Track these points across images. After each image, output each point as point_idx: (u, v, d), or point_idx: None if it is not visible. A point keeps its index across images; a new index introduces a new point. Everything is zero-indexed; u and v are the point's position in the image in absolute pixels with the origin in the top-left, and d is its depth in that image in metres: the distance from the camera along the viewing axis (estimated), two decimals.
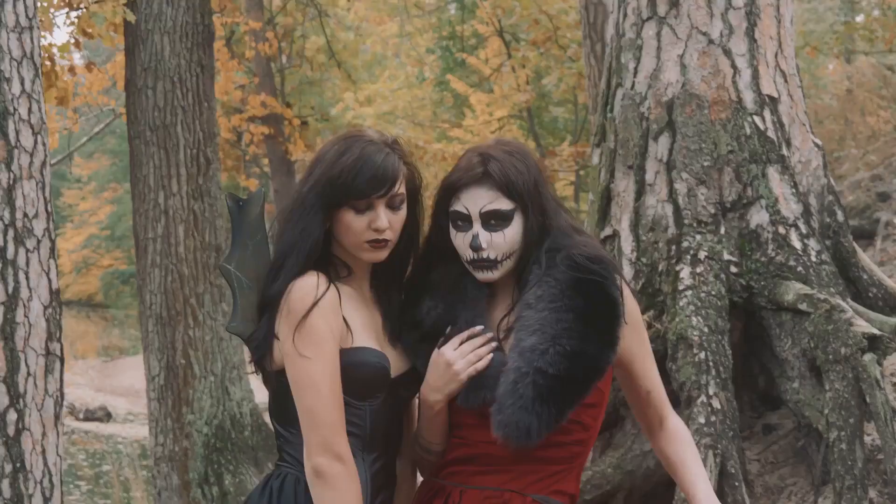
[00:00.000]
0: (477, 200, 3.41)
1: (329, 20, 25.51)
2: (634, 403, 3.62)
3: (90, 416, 23.07)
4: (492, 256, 3.40)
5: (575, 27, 19.08)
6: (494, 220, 3.39)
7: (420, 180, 3.61)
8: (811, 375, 6.15)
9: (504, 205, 3.39)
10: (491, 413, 3.31)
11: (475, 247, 3.38)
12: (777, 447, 6.44)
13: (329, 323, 3.35)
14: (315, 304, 3.34)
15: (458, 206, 3.43)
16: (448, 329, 3.45)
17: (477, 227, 3.40)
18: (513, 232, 3.40)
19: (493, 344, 3.40)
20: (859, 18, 22.52)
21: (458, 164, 3.50)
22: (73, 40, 12.22)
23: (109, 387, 29.68)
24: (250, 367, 3.59)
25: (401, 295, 3.62)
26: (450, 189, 3.46)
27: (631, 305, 3.43)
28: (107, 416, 23.28)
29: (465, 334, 3.41)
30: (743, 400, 6.57)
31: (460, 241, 3.45)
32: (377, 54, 30.48)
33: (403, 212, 3.51)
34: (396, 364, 3.50)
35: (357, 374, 3.41)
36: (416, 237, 3.63)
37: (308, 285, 3.37)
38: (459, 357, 3.38)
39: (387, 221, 3.44)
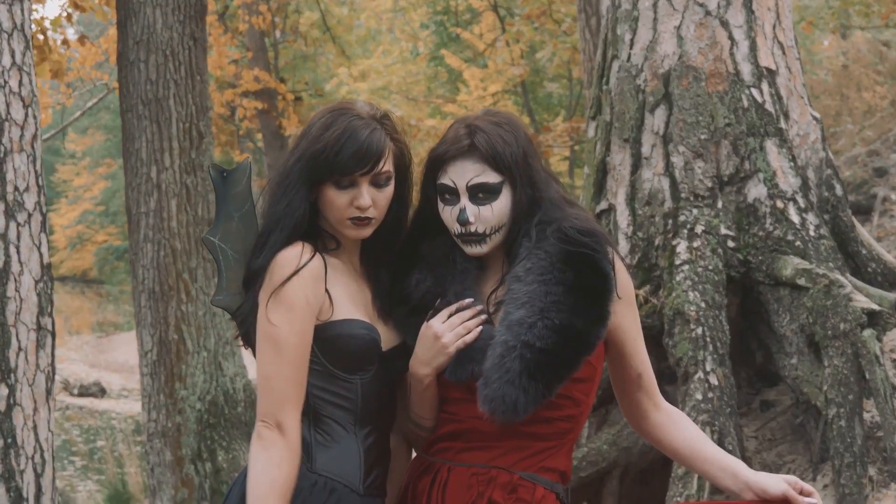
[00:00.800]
0: (464, 173, 3.33)
1: None
2: (622, 386, 3.49)
3: (84, 391, 23.12)
4: (480, 230, 3.33)
5: (569, 1, 19.03)
6: (482, 194, 3.32)
7: (409, 157, 3.53)
8: (809, 351, 6.13)
9: (491, 178, 3.31)
10: (477, 387, 3.25)
11: (462, 221, 3.31)
12: (775, 424, 6.43)
13: (306, 293, 3.28)
14: (296, 272, 3.28)
15: (445, 180, 3.36)
16: (438, 302, 3.38)
17: (464, 200, 3.33)
18: (501, 205, 3.32)
19: (483, 317, 3.33)
20: None
21: (444, 136, 3.42)
22: (65, 14, 12.16)
23: (104, 362, 29.72)
24: (240, 342, 3.53)
25: (390, 270, 3.55)
26: (437, 161, 3.39)
27: (624, 280, 3.34)
28: (101, 392, 23.31)
29: (453, 307, 3.34)
30: (740, 376, 6.57)
31: (447, 214, 3.37)
32: (371, 29, 30.39)
33: (390, 189, 3.43)
34: (387, 337, 3.44)
35: (345, 345, 3.35)
36: (404, 215, 3.55)
37: (291, 255, 3.32)
38: (448, 330, 3.32)
39: (370, 199, 3.36)
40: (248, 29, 22.63)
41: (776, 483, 3.30)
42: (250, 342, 3.46)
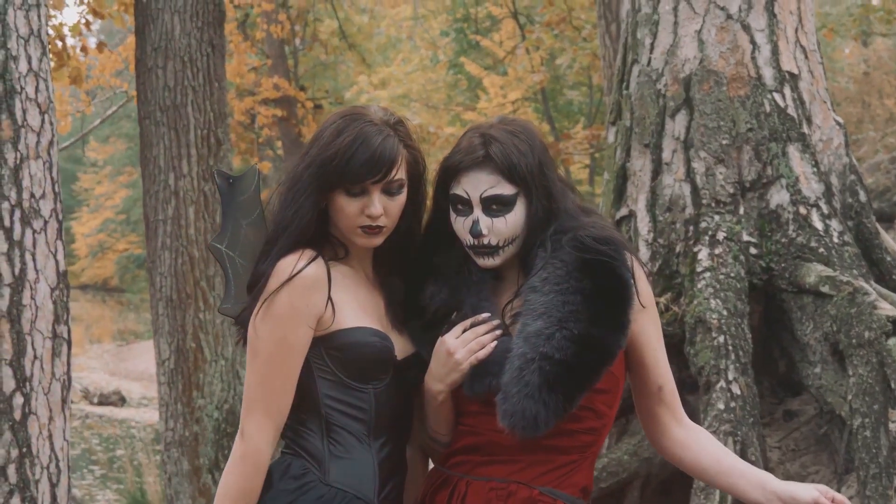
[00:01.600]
0: (477, 185, 3.24)
1: (343, 3, 25.41)
2: (642, 400, 3.40)
3: (104, 400, 23.17)
4: (493, 242, 3.25)
5: (589, 8, 19.02)
6: (496, 206, 3.24)
7: (424, 165, 3.45)
8: (833, 360, 6.06)
9: (506, 189, 3.23)
10: (496, 402, 3.16)
11: (475, 233, 3.23)
12: (798, 434, 6.36)
13: (293, 302, 3.21)
14: (287, 281, 3.21)
15: (459, 190, 3.28)
16: (454, 315, 3.30)
17: (477, 212, 3.24)
18: (515, 217, 3.24)
19: (498, 332, 3.24)
20: (876, 2, 22.44)
21: (458, 145, 3.34)
22: (83, 21, 12.13)
23: (124, 371, 29.78)
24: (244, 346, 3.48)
25: (404, 279, 3.47)
26: (450, 171, 3.31)
27: (645, 288, 3.26)
28: (121, 401, 23.35)
29: (468, 321, 3.26)
30: (763, 385, 6.49)
31: (460, 225, 3.29)
32: (391, 37, 30.42)
33: (402, 197, 3.35)
34: (402, 346, 3.36)
35: (356, 354, 3.28)
36: (418, 223, 3.47)
37: (287, 263, 3.25)
38: (461, 345, 3.23)
39: (381, 208, 3.28)
40: (267, 37, 22.61)
41: (806, 491, 3.21)
42: None
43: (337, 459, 3.29)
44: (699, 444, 3.35)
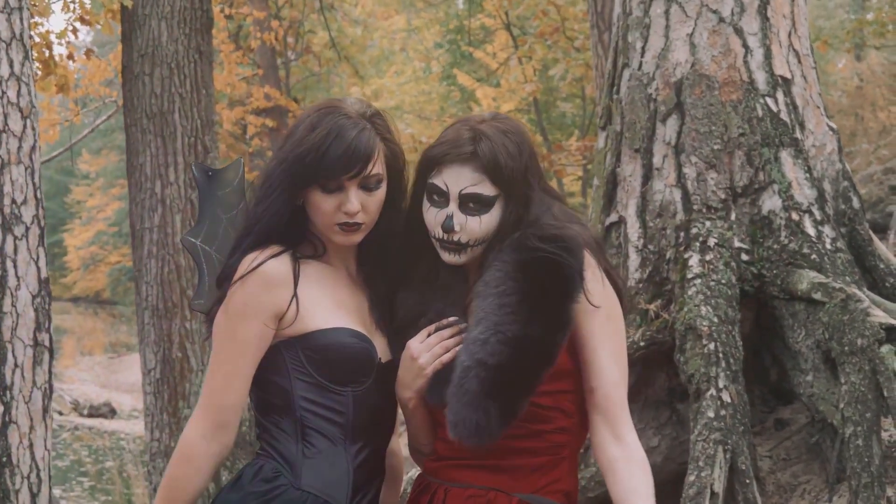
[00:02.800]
0: (458, 180, 3.14)
1: (336, 15, 25.39)
2: (587, 407, 3.23)
3: (94, 412, 23.22)
4: (462, 240, 3.16)
5: (583, 19, 18.99)
6: (473, 204, 3.14)
7: (403, 159, 3.35)
8: (826, 368, 5.97)
9: (487, 190, 3.13)
10: (446, 416, 3.08)
11: (447, 228, 3.13)
12: (790, 443, 6.27)
13: (248, 299, 3.16)
14: (242, 277, 3.16)
15: (438, 181, 3.17)
16: (420, 321, 3.21)
17: (453, 206, 3.14)
18: (490, 219, 3.14)
19: (463, 335, 3.14)
20: (869, 16, 22.50)
21: (445, 135, 3.22)
22: (70, 27, 12.06)
23: (114, 383, 29.81)
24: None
25: (386, 278, 3.37)
26: (432, 161, 3.19)
27: (597, 288, 3.12)
28: (111, 413, 23.39)
29: (432, 326, 3.17)
30: (754, 394, 6.41)
31: (432, 217, 3.19)
32: (384, 50, 30.43)
33: (381, 193, 3.26)
34: (385, 349, 3.26)
35: (333, 355, 3.19)
36: (399, 220, 3.37)
37: (249, 259, 3.19)
38: (425, 350, 3.15)
39: (358, 204, 3.19)
40: (259, 46, 22.58)
41: None
42: None
43: (310, 463, 3.20)
44: (619, 474, 3.13)
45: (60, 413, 23.11)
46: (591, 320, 3.12)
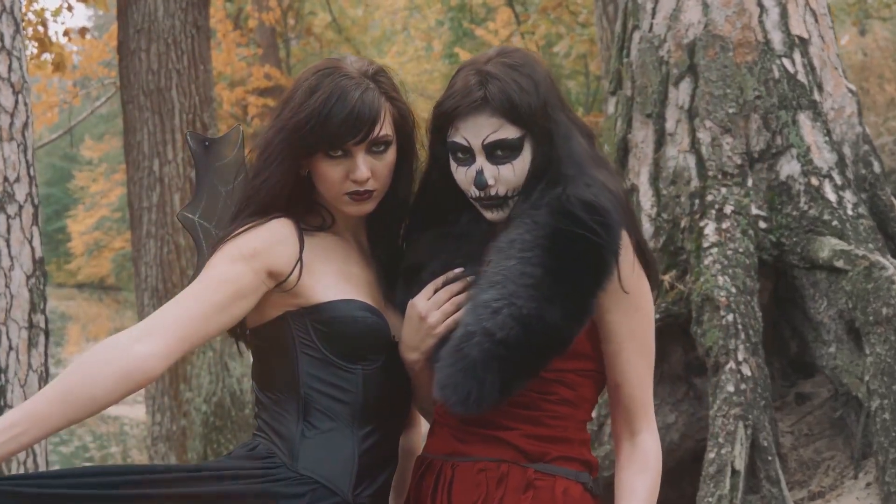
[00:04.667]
0: (478, 130, 2.87)
1: None
2: (609, 399, 3.04)
3: None
4: (500, 192, 2.88)
5: None
6: (501, 151, 2.86)
7: (413, 118, 3.11)
8: (849, 339, 5.90)
9: (510, 133, 2.86)
10: (434, 370, 2.85)
11: (480, 184, 2.86)
12: (812, 418, 6.19)
13: (242, 245, 2.89)
14: (231, 236, 2.91)
15: (457, 138, 2.91)
16: (422, 272, 2.97)
17: (480, 160, 2.88)
18: (522, 163, 2.87)
19: (473, 291, 2.90)
20: None
21: (452, 85, 2.95)
22: (66, 4, 11.97)
23: None
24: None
25: (392, 248, 3.13)
26: (446, 117, 2.93)
27: (630, 273, 2.87)
28: None
29: (440, 280, 2.92)
30: (774, 367, 6.32)
31: (462, 176, 2.92)
32: (386, 30, 30.37)
33: (390, 156, 3.01)
34: (398, 324, 3.02)
35: (344, 329, 2.94)
36: (409, 185, 3.13)
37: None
38: (434, 308, 2.90)
39: (367, 170, 2.94)
40: (258, 25, 22.45)
41: None
42: (235, 329, 3.08)
43: (309, 444, 2.95)
44: (623, 472, 2.98)
45: None
46: (618, 308, 2.89)
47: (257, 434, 3.06)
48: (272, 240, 2.90)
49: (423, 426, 3.31)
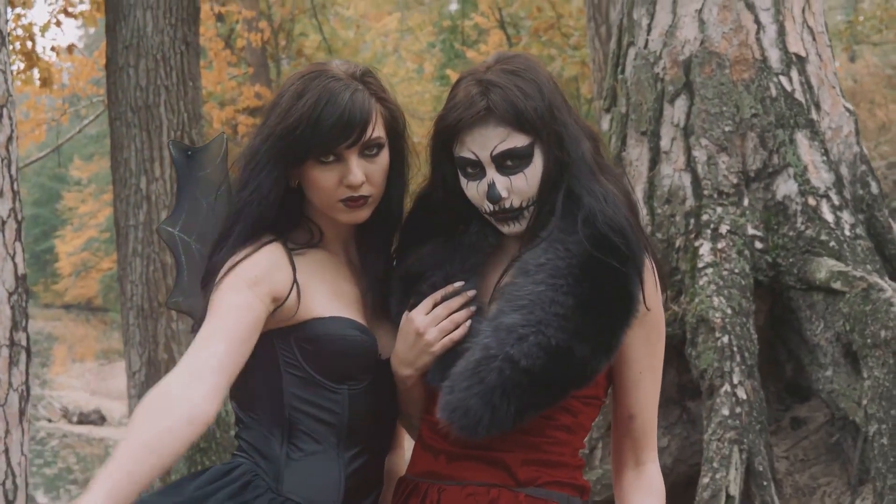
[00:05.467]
0: (485, 142, 2.75)
1: (329, 18, 25.30)
2: (614, 428, 2.97)
3: (84, 419, 23.17)
4: (515, 204, 2.76)
5: (578, 15, 18.86)
6: (511, 161, 2.74)
7: (403, 120, 3.00)
8: (846, 362, 5.85)
9: (518, 141, 2.74)
10: (441, 389, 2.72)
11: (494, 197, 2.74)
12: (808, 443, 6.12)
13: (242, 274, 2.78)
14: (231, 267, 2.79)
15: (464, 152, 2.78)
16: (421, 284, 2.85)
17: (491, 172, 2.75)
18: (535, 170, 2.75)
19: (473, 308, 2.78)
20: (866, 5, 22.62)
21: (453, 97, 2.83)
22: (54, 20, 11.90)
23: (105, 389, 29.72)
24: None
25: (390, 261, 3.01)
26: (450, 130, 2.81)
27: (652, 296, 2.78)
28: (101, 419, 23.32)
29: (439, 294, 2.80)
30: (768, 391, 6.26)
31: (474, 191, 2.80)
32: (377, 52, 30.40)
33: (384, 159, 2.91)
34: (387, 342, 2.91)
35: (331, 347, 2.83)
36: (402, 190, 3.02)
37: (236, 257, 2.83)
38: (431, 324, 2.78)
39: (362, 175, 2.83)
40: (248, 44, 22.42)
41: None
42: None
43: (295, 466, 2.84)
44: (628, 498, 2.91)
45: (50, 420, 23.06)
46: (640, 336, 2.80)
47: (238, 454, 2.94)
48: (269, 266, 2.79)
49: (408, 446, 3.19)
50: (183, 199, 3.06)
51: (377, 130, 2.86)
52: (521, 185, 2.74)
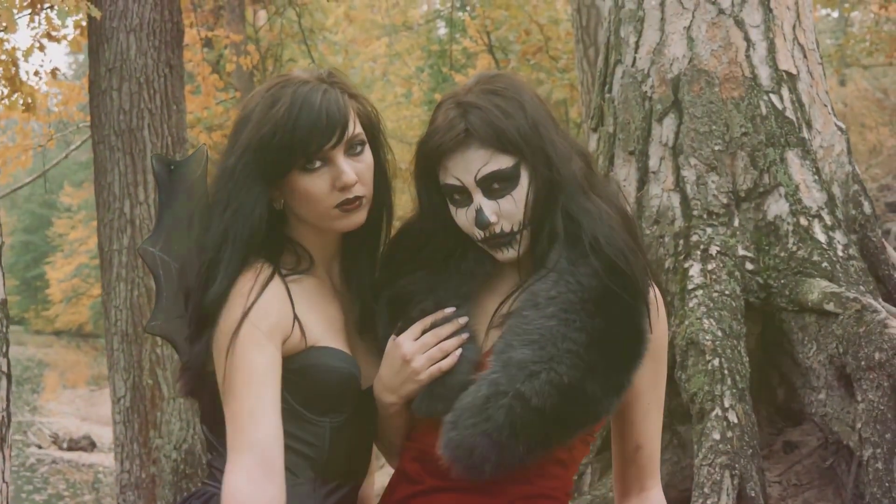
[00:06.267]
0: (467, 166, 2.66)
1: (318, 44, 25.29)
2: (617, 455, 2.91)
3: (74, 445, 23.26)
4: (506, 228, 2.67)
5: (566, 38, 18.85)
6: (497, 184, 2.66)
7: (376, 114, 2.91)
8: (840, 385, 5.74)
9: (502, 162, 2.65)
10: (443, 424, 2.61)
11: (482, 224, 2.64)
12: (801, 467, 6.03)
13: (258, 323, 2.66)
14: (244, 316, 2.66)
15: (449, 179, 2.68)
16: (411, 307, 2.73)
17: (478, 198, 2.66)
18: (523, 192, 2.66)
19: (464, 335, 2.67)
20: (855, 28, 22.74)
21: (434, 121, 2.74)
22: (37, 44, 11.77)
23: (95, 415, 29.76)
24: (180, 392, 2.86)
25: (372, 276, 2.89)
26: (432, 156, 2.70)
27: (659, 327, 2.71)
28: (91, 446, 23.40)
29: (428, 319, 2.69)
30: (760, 415, 6.17)
31: (463, 219, 2.71)
32: (366, 77, 30.43)
33: (369, 156, 2.81)
34: (367, 371, 2.79)
35: (319, 379, 2.71)
36: (388, 188, 2.93)
37: (239, 295, 2.69)
38: (419, 351, 2.68)
39: (353, 173, 2.71)
40: (236, 69, 22.38)
41: None
42: (198, 392, 2.83)
43: None
44: None
45: (39, 447, 23.12)
46: (647, 370, 2.72)
47: (209, 483, 2.82)
48: (279, 309, 2.68)
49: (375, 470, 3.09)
50: (164, 217, 2.93)
51: (357, 126, 2.76)
52: (510, 209, 2.64)
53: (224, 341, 2.66)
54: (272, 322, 2.67)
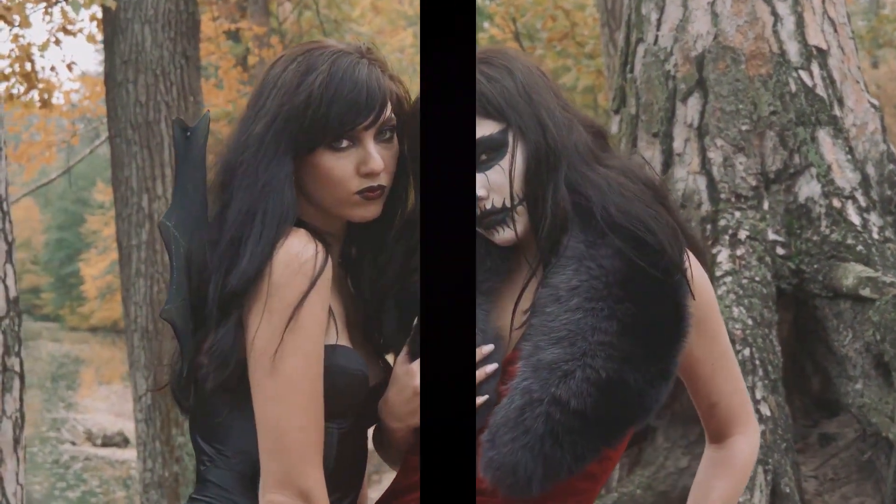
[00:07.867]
0: None
1: (344, 35, 25.37)
2: (698, 409, 2.71)
3: (107, 441, 23.56)
4: (497, 204, 2.43)
5: (593, 23, 18.78)
6: (485, 154, 2.44)
7: (409, 99, 2.67)
8: (878, 374, 5.67)
9: (488, 128, 2.43)
10: (481, 444, 2.39)
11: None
12: (837, 461, 5.98)
13: (322, 308, 2.41)
14: (315, 280, 2.39)
15: None
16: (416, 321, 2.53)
17: None
18: (514, 162, 2.44)
19: (492, 366, 2.45)
20: (887, 10, 22.77)
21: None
22: (53, 39, 11.77)
23: (129, 412, 29.88)
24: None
25: (375, 271, 2.67)
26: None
27: (702, 292, 2.47)
28: (124, 442, 23.70)
29: None
30: (794, 406, 6.12)
31: None
32: (393, 68, 30.53)
33: (396, 145, 2.57)
34: (372, 370, 2.56)
35: (334, 380, 2.46)
36: (405, 183, 2.68)
37: (297, 248, 2.42)
38: None
39: (381, 159, 2.49)
40: (259, 62, 22.42)
41: None
42: (228, 385, 2.57)
43: None
44: (700, 474, 2.70)
45: (73, 443, 23.37)
46: (700, 337, 2.51)
47: (198, 498, 2.60)
48: (327, 299, 2.46)
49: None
50: (178, 187, 2.71)
51: (390, 111, 2.55)
52: (499, 180, 2.41)
53: (283, 315, 2.40)
54: (321, 322, 2.44)
